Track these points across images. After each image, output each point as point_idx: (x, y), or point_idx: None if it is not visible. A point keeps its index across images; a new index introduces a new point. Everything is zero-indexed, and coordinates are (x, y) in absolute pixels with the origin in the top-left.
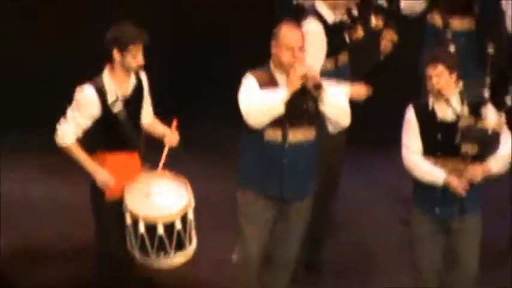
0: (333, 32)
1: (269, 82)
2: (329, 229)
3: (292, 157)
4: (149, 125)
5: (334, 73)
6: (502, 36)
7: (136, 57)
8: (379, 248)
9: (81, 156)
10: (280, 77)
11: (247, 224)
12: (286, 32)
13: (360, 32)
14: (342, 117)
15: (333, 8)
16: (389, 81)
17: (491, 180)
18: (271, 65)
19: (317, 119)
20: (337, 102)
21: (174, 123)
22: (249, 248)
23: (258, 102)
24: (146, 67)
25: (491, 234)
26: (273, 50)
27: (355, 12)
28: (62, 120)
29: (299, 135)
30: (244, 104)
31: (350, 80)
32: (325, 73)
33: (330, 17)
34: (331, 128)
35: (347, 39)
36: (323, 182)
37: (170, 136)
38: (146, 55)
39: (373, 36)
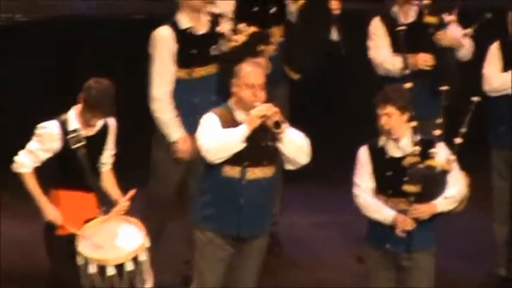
0: (189, 41)
1: (229, 120)
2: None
3: (250, 195)
4: (105, 179)
5: (192, 83)
6: (457, 74)
7: (96, 117)
8: (335, 285)
9: (34, 188)
10: (240, 114)
11: (204, 263)
12: (247, 70)
13: (238, 39)
14: (300, 156)
15: (194, 15)
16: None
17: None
18: (232, 103)
19: (276, 156)
20: (297, 140)
21: (131, 193)
22: (206, 286)
23: (218, 138)
24: None
25: None
26: (234, 88)
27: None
28: (20, 151)
29: (257, 172)
30: (203, 140)
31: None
32: (180, 83)
33: (186, 24)
34: (289, 166)
35: (214, 50)
36: None
37: (122, 204)
38: None
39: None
